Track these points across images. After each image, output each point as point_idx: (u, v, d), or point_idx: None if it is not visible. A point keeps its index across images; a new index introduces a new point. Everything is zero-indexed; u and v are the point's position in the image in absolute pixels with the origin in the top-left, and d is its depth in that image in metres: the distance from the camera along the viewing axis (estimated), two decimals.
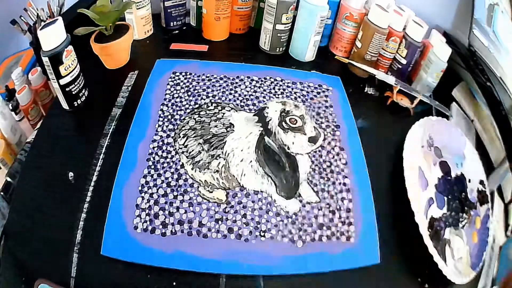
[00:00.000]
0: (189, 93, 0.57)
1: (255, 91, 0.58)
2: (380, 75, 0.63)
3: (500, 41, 0.65)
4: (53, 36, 0.48)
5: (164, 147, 0.50)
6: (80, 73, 0.54)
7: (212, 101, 0.56)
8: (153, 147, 0.50)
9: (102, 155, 0.49)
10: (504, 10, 0.67)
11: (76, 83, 0.53)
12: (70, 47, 0.51)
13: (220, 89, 0.58)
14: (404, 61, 0.65)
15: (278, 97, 0.58)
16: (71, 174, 0.47)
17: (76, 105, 0.54)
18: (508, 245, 0.51)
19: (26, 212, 0.45)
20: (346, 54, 0.70)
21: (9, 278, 0.42)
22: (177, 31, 0.72)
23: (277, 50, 0.68)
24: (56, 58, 0.49)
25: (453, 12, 0.70)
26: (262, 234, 0.43)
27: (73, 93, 0.53)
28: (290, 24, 0.66)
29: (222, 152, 0.49)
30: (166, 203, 0.45)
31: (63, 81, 0.51)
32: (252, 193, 0.47)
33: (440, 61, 0.62)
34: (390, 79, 0.62)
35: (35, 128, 0.55)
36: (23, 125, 0.57)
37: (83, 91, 0.55)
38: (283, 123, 0.52)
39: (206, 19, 0.68)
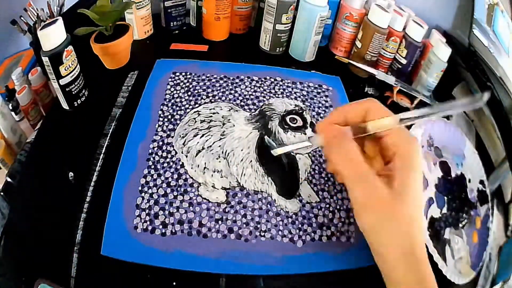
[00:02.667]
0: (189, 93, 0.57)
1: (255, 91, 0.58)
2: (380, 75, 0.63)
3: (500, 41, 0.65)
4: (53, 36, 0.48)
5: (164, 147, 0.50)
6: (80, 73, 0.54)
7: (212, 101, 0.56)
8: (153, 147, 0.50)
9: (102, 155, 0.49)
10: (504, 10, 0.67)
11: (76, 83, 0.53)
12: (70, 47, 0.51)
13: (220, 89, 0.58)
14: (404, 61, 0.65)
15: (278, 97, 0.58)
16: (71, 174, 0.47)
17: (76, 105, 0.54)
18: (508, 245, 0.51)
19: (26, 212, 0.45)
20: (346, 54, 0.70)
21: (9, 278, 0.42)
22: (177, 31, 0.72)
23: (277, 50, 0.68)
24: (56, 58, 0.49)
25: (453, 12, 0.70)
26: (262, 234, 0.43)
27: (73, 93, 0.53)
28: (290, 24, 0.66)
29: (222, 152, 0.49)
30: (166, 203, 0.45)
31: (63, 81, 0.51)
32: (252, 193, 0.46)
33: (440, 61, 0.62)
34: (390, 79, 0.62)
35: (35, 128, 0.55)
36: (23, 125, 0.57)
37: (83, 91, 0.55)
38: (284, 122, 0.52)
39: (206, 19, 0.68)
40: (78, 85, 0.53)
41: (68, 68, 0.50)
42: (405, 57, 0.64)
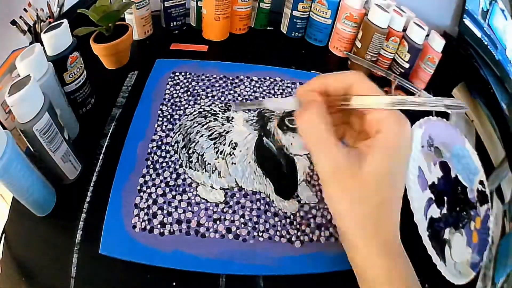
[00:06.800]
0: (189, 93, 0.57)
1: (254, 92, 0.58)
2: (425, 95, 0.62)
3: (498, 36, 0.65)
4: (57, 40, 0.46)
5: (163, 147, 0.50)
6: (86, 80, 0.52)
7: (212, 101, 0.56)
8: (152, 147, 0.50)
9: (102, 155, 0.49)
10: (504, 9, 0.67)
11: (81, 91, 0.51)
12: (76, 54, 0.48)
13: (219, 89, 0.58)
14: (407, 65, 0.65)
15: (278, 98, 0.58)
16: None
17: (81, 113, 0.53)
18: (504, 243, 0.51)
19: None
20: (345, 54, 0.70)
21: (9, 278, 0.42)
22: (177, 31, 0.72)
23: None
24: (60, 64, 0.47)
25: (452, 11, 0.70)
26: (260, 234, 0.43)
27: (78, 101, 0.52)
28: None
29: (221, 152, 0.49)
30: (164, 202, 0.45)
31: (67, 89, 0.49)
32: (251, 194, 0.47)
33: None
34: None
35: None
36: None
37: (89, 99, 0.54)
38: (282, 123, 0.52)
39: (206, 19, 0.68)
40: (84, 93, 0.52)
41: (73, 75, 0.49)
42: (408, 61, 0.64)
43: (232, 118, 0.53)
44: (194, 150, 0.49)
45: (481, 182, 0.54)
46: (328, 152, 0.32)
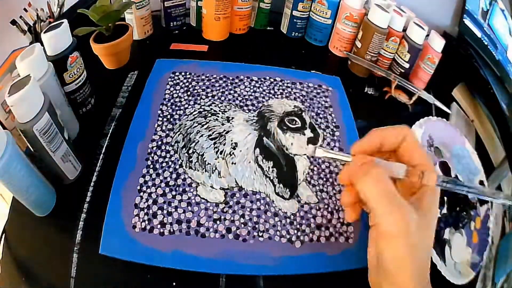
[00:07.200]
0: (189, 93, 0.57)
1: (254, 91, 0.58)
2: (424, 94, 0.62)
3: (497, 36, 0.65)
4: (57, 40, 0.46)
5: (163, 147, 0.50)
6: (86, 80, 0.52)
7: (212, 101, 0.56)
8: (152, 147, 0.50)
9: (102, 155, 0.49)
10: (504, 9, 0.67)
11: (81, 91, 0.51)
12: (76, 54, 0.48)
13: (219, 89, 0.58)
14: (407, 65, 0.65)
15: (278, 97, 0.58)
16: None
17: (81, 113, 0.53)
18: (504, 243, 0.51)
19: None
20: (346, 54, 0.70)
21: (9, 278, 0.42)
22: (177, 31, 0.72)
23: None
24: (60, 64, 0.47)
25: (452, 11, 0.70)
26: (260, 234, 0.43)
27: (78, 101, 0.52)
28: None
29: (221, 152, 0.49)
30: (164, 202, 0.45)
31: (67, 89, 0.49)
32: (251, 194, 0.47)
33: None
34: (430, 98, 0.62)
35: None
36: None
37: (89, 99, 0.54)
38: (282, 123, 0.52)
39: (206, 19, 0.68)
40: (84, 93, 0.52)
41: (73, 75, 0.49)
42: (408, 61, 0.64)
43: (232, 118, 0.53)
44: (194, 150, 0.49)
45: (481, 182, 0.54)
46: (400, 210, 0.32)
